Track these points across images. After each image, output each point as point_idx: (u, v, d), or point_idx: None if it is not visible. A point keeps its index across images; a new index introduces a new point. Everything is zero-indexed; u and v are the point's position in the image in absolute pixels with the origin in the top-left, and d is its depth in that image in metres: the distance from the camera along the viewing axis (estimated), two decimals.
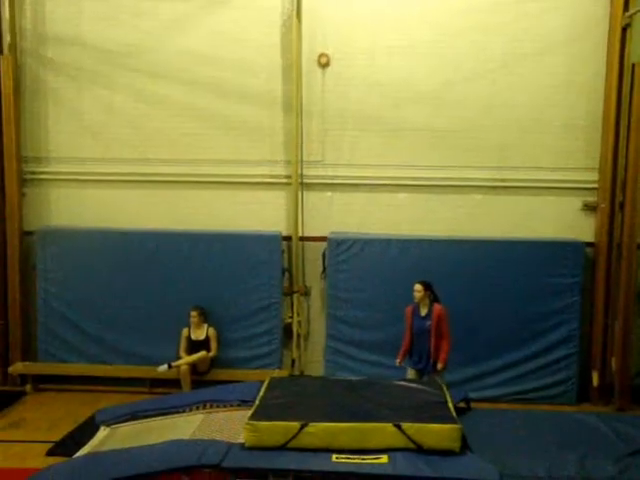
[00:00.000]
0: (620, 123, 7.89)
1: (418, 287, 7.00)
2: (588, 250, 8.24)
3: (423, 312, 7.01)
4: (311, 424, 5.04)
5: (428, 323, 6.92)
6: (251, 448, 5.05)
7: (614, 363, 8.07)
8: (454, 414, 5.30)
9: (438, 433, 5.01)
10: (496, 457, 4.99)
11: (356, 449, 4.98)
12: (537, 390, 8.20)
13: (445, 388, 5.96)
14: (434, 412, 5.30)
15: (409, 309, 7.11)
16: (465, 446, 5.07)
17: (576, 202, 8.33)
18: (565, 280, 8.12)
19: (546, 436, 5.62)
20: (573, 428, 5.83)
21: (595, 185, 8.23)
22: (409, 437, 4.99)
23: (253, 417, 5.19)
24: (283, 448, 5.02)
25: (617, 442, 5.49)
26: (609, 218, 8.06)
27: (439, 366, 6.85)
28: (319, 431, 5.03)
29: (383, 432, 5.04)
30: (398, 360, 7.13)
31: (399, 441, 5.01)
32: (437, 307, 6.97)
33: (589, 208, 8.31)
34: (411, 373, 7.08)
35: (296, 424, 5.05)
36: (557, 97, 8.18)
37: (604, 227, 8.10)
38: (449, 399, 5.67)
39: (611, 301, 8.11)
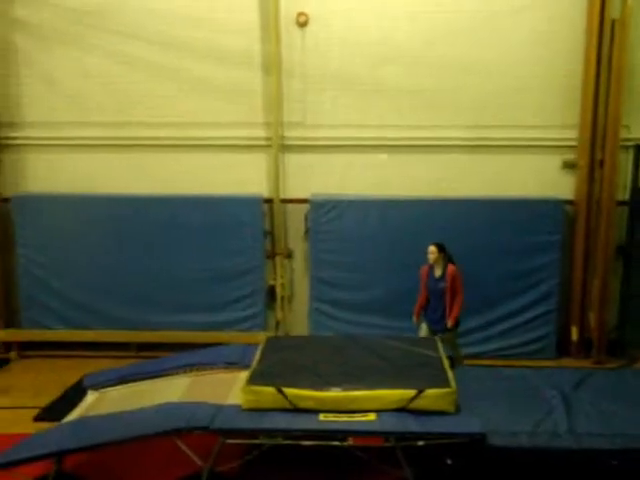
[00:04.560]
0: (600, 80, 7.88)
1: (432, 249, 6.92)
2: (568, 208, 8.31)
3: (437, 273, 6.95)
4: (310, 391, 5.07)
5: (442, 284, 6.86)
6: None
7: (592, 318, 8.25)
8: (449, 375, 5.33)
9: (434, 398, 5.05)
10: (481, 413, 5.08)
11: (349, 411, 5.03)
12: (518, 346, 8.35)
13: (440, 345, 6.05)
14: (430, 374, 5.35)
15: (424, 269, 7.03)
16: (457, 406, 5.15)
17: (556, 160, 8.36)
18: (545, 238, 8.20)
19: (531, 392, 5.69)
20: (558, 384, 5.89)
21: (574, 143, 8.26)
22: (405, 404, 5.05)
23: (251, 381, 5.22)
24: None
25: (600, 398, 5.54)
26: (588, 176, 8.11)
27: (448, 323, 6.85)
28: (316, 398, 5.05)
29: (382, 400, 5.06)
30: (414, 317, 7.13)
31: (395, 405, 5.06)
32: (451, 268, 6.89)
33: (569, 166, 8.34)
34: (424, 331, 7.07)
35: (294, 390, 5.09)
36: (536, 54, 8.12)
37: (583, 185, 8.15)
38: (444, 358, 5.75)
39: (590, 258, 8.24)
